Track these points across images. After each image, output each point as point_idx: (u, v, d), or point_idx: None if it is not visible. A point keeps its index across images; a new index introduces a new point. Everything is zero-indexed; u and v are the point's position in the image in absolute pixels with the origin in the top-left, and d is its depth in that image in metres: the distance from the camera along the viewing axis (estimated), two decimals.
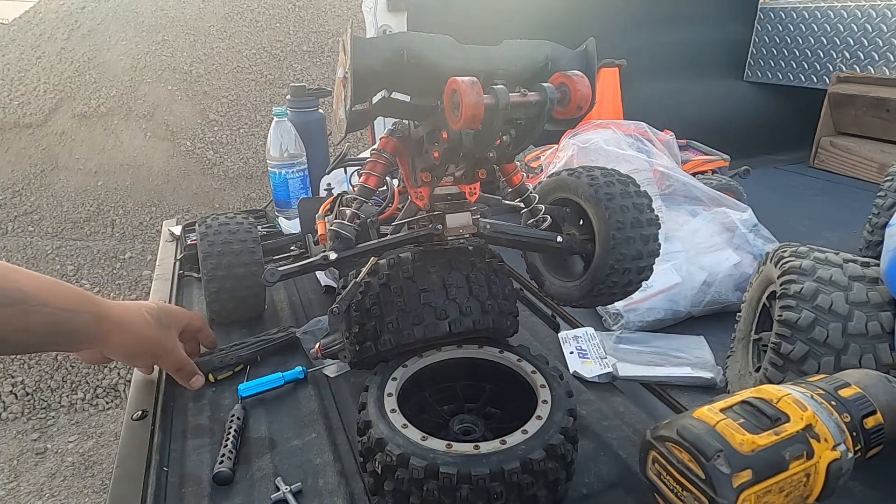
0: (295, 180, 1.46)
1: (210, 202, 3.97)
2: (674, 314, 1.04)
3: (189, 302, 1.15)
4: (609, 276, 0.71)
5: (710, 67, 2.24)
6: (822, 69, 2.10)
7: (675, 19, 2.08)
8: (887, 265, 0.66)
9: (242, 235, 0.98)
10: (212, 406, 0.83)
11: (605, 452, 0.73)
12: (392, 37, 0.54)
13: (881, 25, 1.91)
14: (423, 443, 0.57)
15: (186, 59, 4.50)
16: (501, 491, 0.55)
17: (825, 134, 2.07)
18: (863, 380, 0.50)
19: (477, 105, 0.48)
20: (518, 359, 0.70)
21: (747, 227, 1.18)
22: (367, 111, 0.58)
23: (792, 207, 1.68)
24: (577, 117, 0.57)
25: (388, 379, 0.67)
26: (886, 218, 0.95)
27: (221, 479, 0.68)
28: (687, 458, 0.43)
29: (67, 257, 3.46)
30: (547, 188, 0.79)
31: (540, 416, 0.61)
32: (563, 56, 0.60)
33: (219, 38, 4.70)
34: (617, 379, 0.88)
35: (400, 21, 1.59)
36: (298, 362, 0.92)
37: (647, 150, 1.34)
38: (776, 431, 0.43)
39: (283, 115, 1.43)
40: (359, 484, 0.68)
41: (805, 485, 0.43)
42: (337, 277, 1.13)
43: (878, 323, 0.65)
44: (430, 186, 0.67)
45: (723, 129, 2.10)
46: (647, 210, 0.72)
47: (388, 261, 0.72)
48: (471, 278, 0.70)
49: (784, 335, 0.68)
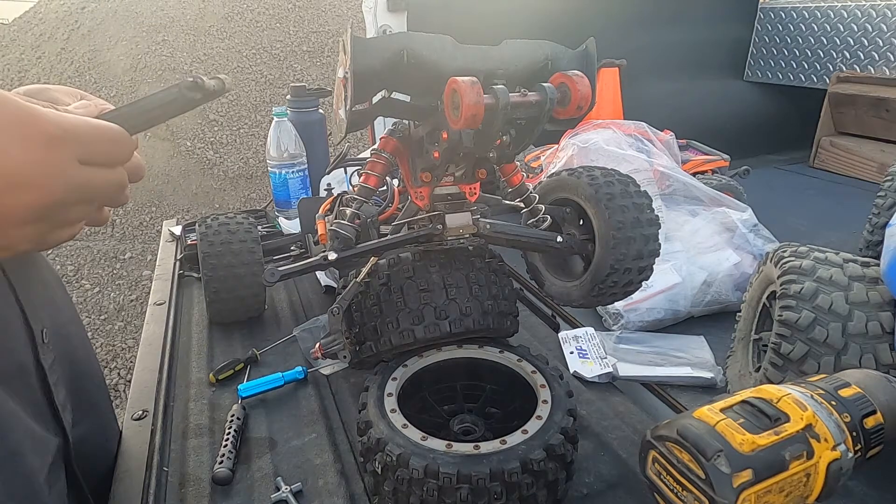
0: (295, 180, 1.46)
1: (210, 202, 3.97)
2: (674, 314, 1.04)
3: (189, 302, 1.15)
4: (609, 276, 0.71)
5: (710, 67, 2.24)
6: (822, 69, 2.10)
7: (675, 19, 2.08)
8: (887, 265, 0.66)
9: (242, 235, 0.98)
10: (212, 406, 0.83)
11: (605, 452, 0.73)
12: (392, 37, 0.54)
13: (881, 25, 1.91)
14: (423, 443, 0.57)
15: (186, 59, 4.50)
16: (501, 491, 0.55)
17: (825, 134, 2.07)
18: (863, 380, 0.50)
19: (477, 105, 0.48)
20: (518, 359, 0.70)
21: (747, 227, 1.18)
22: (367, 111, 0.58)
23: (792, 207, 1.67)
24: (577, 117, 0.56)
25: (388, 379, 0.67)
26: (886, 218, 0.95)
27: (221, 479, 0.68)
28: (687, 458, 0.43)
29: (67, 257, 3.46)
30: (547, 188, 0.79)
31: (540, 416, 0.61)
32: (563, 56, 0.60)
33: (219, 38, 4.71)
34: (617, 379, 0.88)
35: (400, 21, 1.59)
36: (298, 362, 0.92)
37: (647, 150, 1.34)
38: (776, 431, 0.43)
39: (283, 115, 1.43)
40: (359, 484, 0.68)
41: (805, 485, 0.43)
42: (337, 277, 1.13)
43: (878, 323, 0.65)
44: (430, 186, 0.67)
45: (723, 129, 2.10)
46: (647, 210, 0.72)
47: (388, 261, 0.72)
48: (471, 278, 0.70)
49: (784, 335, 0.68)
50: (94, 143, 0.40)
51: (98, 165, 0.41)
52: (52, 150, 0.37)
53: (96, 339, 3.04)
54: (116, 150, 0.42)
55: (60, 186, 0.38)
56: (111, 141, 0.42)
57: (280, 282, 0.63)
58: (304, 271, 0.65)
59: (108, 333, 3.09)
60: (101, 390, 0.73)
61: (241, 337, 1.02)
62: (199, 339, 1.01)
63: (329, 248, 0.66)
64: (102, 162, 0.41)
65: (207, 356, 0.96)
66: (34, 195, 0.37)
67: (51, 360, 0.58)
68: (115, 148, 0.42)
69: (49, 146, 0.37)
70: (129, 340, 3.03)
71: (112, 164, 0.42)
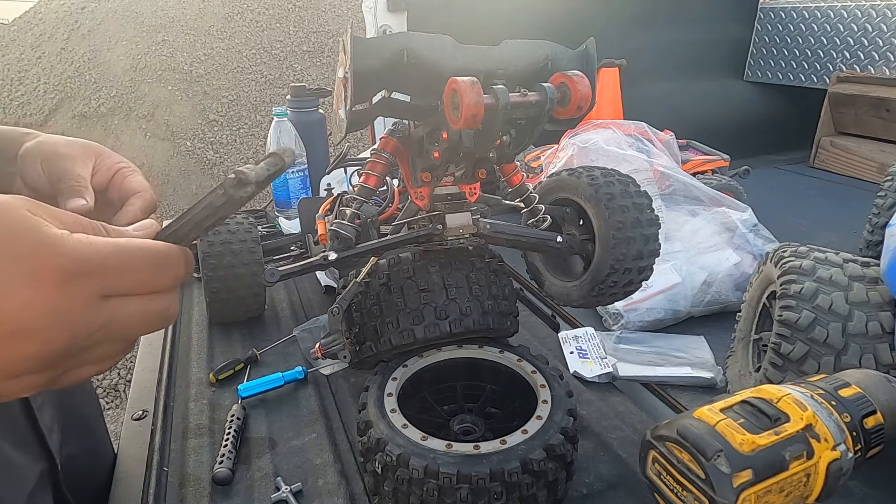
0: (295, 180, 1.46)
1: None
2: (674, 314, 1.04)
3: (189, 302, 1.15)
4: (609, 275, 0.71)
5: (710, 67, 2.24)
6: (822, 69, 2.10)
7: (676, 19, 2.08)
8: (887, 265, 0.66)
9: (242, 235, 0.98)
10: (212, 406, 0.83)
11: (605, 452, 0.73)
12: (392, 37, 0.54)
13: (881, 25, 1.91)
14: (423, 443, 0.57)
15: (186, 59, 4.50)
16: (501, 491, 0.55)
17: (825, 134, 2.07)
18: (863, 380, 0.50)
19: (477, 105, 0.48)
20: (518, 359, 0.70)
21: (747, 227, 1.18)
22: (367, 111, 0.58)
23: (792, 207, 1.67)
24: (577, 117, 0.56)
25: (388, 379, 0.67)
26: (886, 218, 0.95)
27: (221, 479, 0.68)
28: (687, 458, 0.43)
29: None
30: (547, 188, 0.79)
31: (540, 416, 0.61)
32: (563, 56, 0.60)
33: (219, 38, 4.71)
34: (617, 379, 0.88)
35: (400, 21, 1.59)
36: (298, 362, 0.92)
37: (647, 150, 1.34)
38: (776, 431, 0.43)
39: (284, 115, 1.43)
40: (359, 484, 0.68)
41: (805, 485, 0.43)
42: (337, 277, 1.13)
43: (878, 323, 0.65)
44: (430, 186, 0.67)
45: (723, 129, 2.10)
46: (647, 210, 0.72)
47: (388, 261, 0.72)
48: (471, 278, 0.71)
49: (784, 335, 0.68)
50: (128, 272, 0.32)
51: (130, 295, 0.33)
52: (65, 290, 0.29)
53: None
54: (161, 275, 0.34)
55: (68, 332, 0.30)
56: (155, 267, 0.33)
57: (280, 282, 0.63)
58: (304, 271, 0.65)
59: None
60: (92, 406, 0.72)
61: (241, 337, 1.02)
62: (199, 339, 1.01)
63: (329, 248, 0.66)
64: (139, 291, 0.33)
65: (207, 356, 0.96)
66: (33, 346, 0.29)
67: None
68: (159, 274, 0.33)
69: (64, 285, 0.29)
70: None
71: (152, 290, 0.34)
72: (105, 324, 0.31)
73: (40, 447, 0.56)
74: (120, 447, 0.75)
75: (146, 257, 0.33)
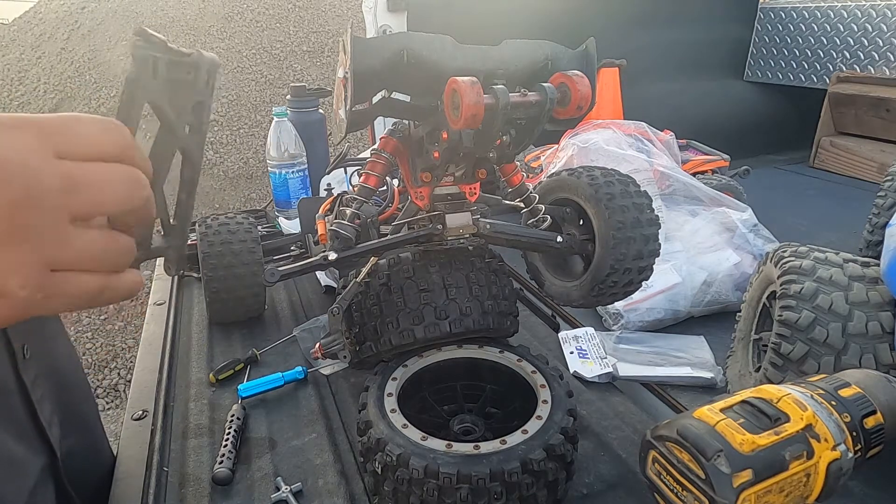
0: (295, 180, 1.46)
1: (210, 202, 3.97)
2: (674, 314, 1.04)
3: (189, 302, 1.15)
4: (609, 275, 0.71)
5: (710, 67, 2.24)
6: (822, 69, 2.10)
7: (675, 19, 2.08)
8: (887, 265, 0.66)
9: (242, 235, 0.98)
10: (212, 406, 0.83)
11: (605, 452, 0.73)
12: (392, 37, 0.54)
13: (881, 25, 1.91)
14: (423, 443, 0.57)
15: None
16: (501, 491, 0.55)
17: (825, 134, 2.07)
18: (863, 380, 0.50)
19: (477, 105, 0.48)
20: (518, 359, 0.70)
21: (747, 227, 1.18)
22: (367, 111, 0.58)
23: (792, 207, 1.67)
24: (577, 117, 0.57)
25: (388, 379, 0.67)
26: (886, 218, 0.95)
27: (221, 479, 0.68)
28: (687, 458, 0.43)
29: None
30: (547, 188, 0.79)
31: (540, 416, 0.61)
32: (563, 56, 0.60)
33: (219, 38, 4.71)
34: (617, 379, 0.88)
35: (400, 21, 1.59)
36: (298, 362, 0.92)
37: (647, 150, 1.34)
38: (776, 431, 0.43)
39: (284, 115, 1.43)
40: (359, 484, 0.68)
41: (805, 485, 0.43)
42: (337, 277, 1.13)
43: (878, 323, 0.65)
44: (430, 186, 0.67)
45: (723, 129, 2.10)
46: (647, 210, 0.72)
47: (388, 261, 0.72)
48: (471, 278, 0.71)
49: (784, 335, 0.68)
50: (74, 126, 0.31)
51: (86, 161, 0.31)
52: (10, 135, 0.29)
53: (96, 339, 3.05)
54: (110, 135, 0.32)
55: (20, 178, 0.28)
56: (102, 128, 0.32)
57: (280, 282, 0.63)
58: (304, 271, 0.65)
59: (108, 333, 3.09)
60: (88, 402, 0.72)
61: (241, 337, 1.02)
62: (199, 339, 1.01)
63: (329, 248, 0.66)
64: (90, 151, 0.32)
65: (207, 356, 0.96)
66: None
67: (33, 376, 0.56)
68: (107, 134, 0.32)
69: (9, 131, 0.29)
70: (128, 340, 3.03)
71: (102, 152, 0.32)
72: (66, 185, 0.30)
73: (41, 441, 0.56)
74: (120, 447, 0.75)
75: (91, 119, 0.32)
